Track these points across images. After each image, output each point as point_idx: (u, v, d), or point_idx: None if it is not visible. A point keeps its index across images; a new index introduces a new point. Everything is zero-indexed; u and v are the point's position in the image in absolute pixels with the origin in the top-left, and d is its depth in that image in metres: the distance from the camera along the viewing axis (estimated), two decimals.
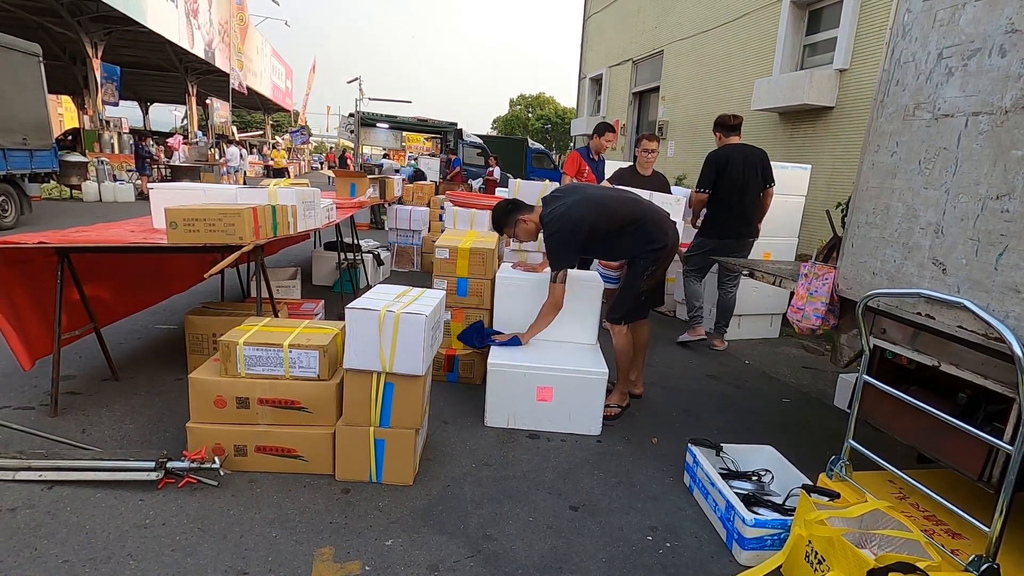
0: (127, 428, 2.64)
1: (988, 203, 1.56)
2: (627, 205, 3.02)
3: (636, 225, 2.95)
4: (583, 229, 2.85)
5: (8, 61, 8.46)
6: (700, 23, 10.11)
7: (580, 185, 3.84)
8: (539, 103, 40.03)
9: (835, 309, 2.24)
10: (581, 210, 2.86)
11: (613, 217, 2.94)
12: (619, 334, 3.11)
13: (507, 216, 3.04)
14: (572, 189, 3.14)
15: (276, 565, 1.82)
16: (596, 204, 2.93)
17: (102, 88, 14.71)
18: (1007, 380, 1.54)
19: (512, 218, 3.03)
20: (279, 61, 29.87)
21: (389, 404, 2.26)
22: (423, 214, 7.02)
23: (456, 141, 14.73)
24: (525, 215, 3.02)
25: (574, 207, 2.86)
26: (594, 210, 2.89)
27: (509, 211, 3.05)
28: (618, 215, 2.95)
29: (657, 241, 2.95)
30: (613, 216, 2.94)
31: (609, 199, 3.03)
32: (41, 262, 2.78)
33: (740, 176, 4.12)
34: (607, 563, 1.96)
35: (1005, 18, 1.54)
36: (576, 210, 2.86)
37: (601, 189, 3.47)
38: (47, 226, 7.81)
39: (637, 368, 3.37)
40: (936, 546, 1.67)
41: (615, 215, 2.94)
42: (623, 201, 3.04)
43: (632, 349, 3.15)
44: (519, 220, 3.01)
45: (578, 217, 2.85)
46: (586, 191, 3.10)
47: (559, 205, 2.89)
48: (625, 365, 3.15)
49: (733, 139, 4.26)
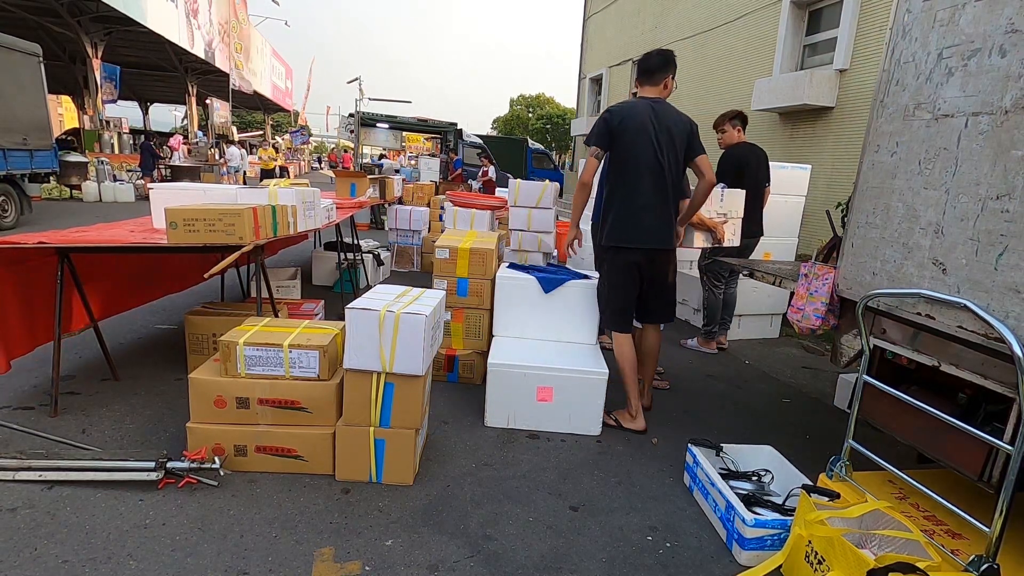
0: (127, 428, 2.64)
1: (988, 203, 1.56)
2: (649, 170, 2.82)
3: (627, 190, 2.85)
4: (614, 121, 2.81)
5: (8, 61, 8.46)
6: (700, 23, 10.11)
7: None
8: (539, 103, 40.03)
9: (835, 309, 2.24)
10: (627, 116, 2.81)
11: (633, 160, 2.81)
12: (615, 343, 3.02)
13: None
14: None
15: (276, 565, 1.82)
16: (640, 133, 2.80)
17: (101, 87, 14.72)
18: (1007, 380, 1.54)
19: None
20: (279, 61, 29.89)
21: (389, 404, 2.26)
22: (423, 214, 7.02)
23: (456, 141, 14.72)
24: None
25: (630, 113, 2.82)
26: (634, 130, 2.79)
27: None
28: (634, 162, 2.81)
29: (617, 233, 2.88)
30: (634, 160, 2.81)
31: (650, 149, 2.81)
32: (35, 262, 2.77)
33: (755, 174, 4.05)
34: (607, 563, 1.96)
35: (1005, 18, 1.54)
36: (625, 110, 2.83)
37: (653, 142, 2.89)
38: (47, 226, 7.82)
39: (644, 379, 3.19)
40: (936, 546, 1.67)
41: (634, 160, 2.81)
42: (651, 164, 2.82)
43: (634, 360, 3.00)
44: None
45: (617, 111, 2.84)
46: (646, 131, 2.82)
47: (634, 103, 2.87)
48: (627, 378, 2.99)
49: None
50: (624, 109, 2.89)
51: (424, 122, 14.95)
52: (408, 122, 14.83)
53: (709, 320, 4.43)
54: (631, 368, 2.98)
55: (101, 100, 14.86)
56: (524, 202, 5.23)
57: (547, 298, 3.26)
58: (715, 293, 4.34)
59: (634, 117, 2.84)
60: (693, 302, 5.17)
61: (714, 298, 4.35)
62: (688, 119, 2.92)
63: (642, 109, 2.85)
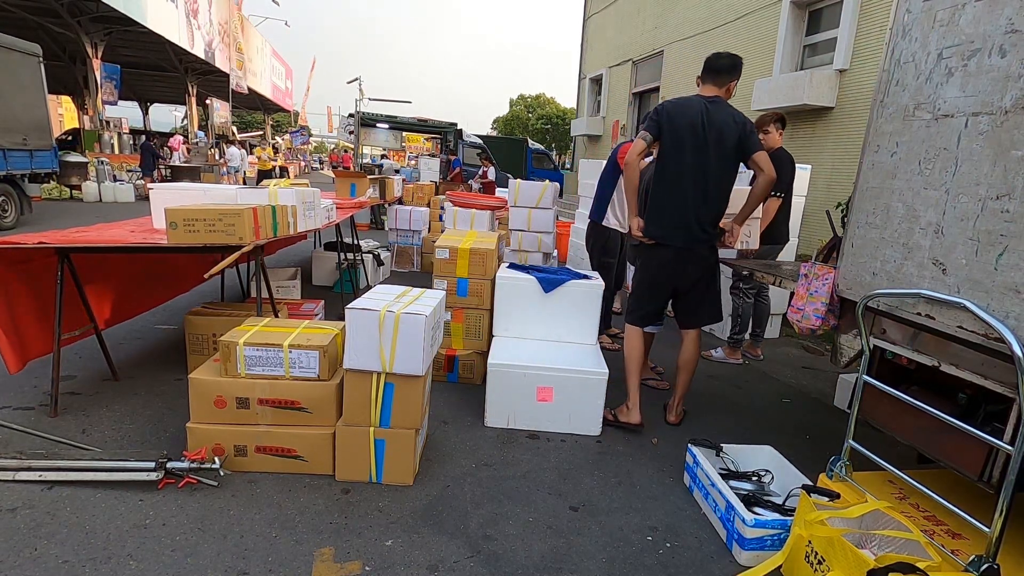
0: (127, 428, 2.64)
1: (988, 203, 1.56)
2: (692, 168, 2.77)
3: (667, 186, 2.81)
4: (664, 115, 2.79)
5: (8, 61, 8.47)
6: (700, 23, 10.11)
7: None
8: (539, 103, 40.02)
9: (835, 309, 2.24)
10: (678, 112, 2.78)
11: (677, 157, 2.79)
12: (626, 334, 3.05)
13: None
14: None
15: (276, 565, 1.82)
16: (687, 131, 2.76)
17: (101, 87, 14.72)
18: (1007, 380, 1.54)
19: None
20: (279, 61, 29.89)
21: (389, 404, 2.26)
22: (423, 214, 7.02)
23: (456, 141, 14.73)
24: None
25: (682, 110, 2.78)
26: (682, 127, 2.76)
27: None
28: (678, 159, 2.78)
29: (653, 229, 2.86)
30: (678, 156, 2.78)
31: (695, 148, 2.77)
32: (39, 263, 2.78)
33: (791, 180, 3.91)
34: (607, 563, 1.96)
35: (1005, 18, 1.54)
36: (678, 106, 2.80)
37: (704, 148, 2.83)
38: (47, 226, 7.82)
39: (676, 391, 3.11)
40: (936, 546, 1.67)
41: (678, 157, 2.78)
42: (695, 163, 2.77)
43: (641, 355, 3.00)
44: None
45: (670, 105, 2.81)
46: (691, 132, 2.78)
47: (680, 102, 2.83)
48: (629, 372, 3.00)
49: None
50: (677, 104, 2.83)
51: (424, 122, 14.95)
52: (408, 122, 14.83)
53: (740, 328, 4.29)
54: (635, 363, 3.00)
55: (101, 100, 14.85)
56: (524, 202, 5.25)
57: (547, 298, 3.27)
58: (746, 300, 4.22)
59: (684, 114, 2.78)
60: (723, 309, 4.92)
61: (745, 305, 4.23)
62: (743, 119, 2.81)
63: (695, 106, 2.79)
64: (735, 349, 4.34)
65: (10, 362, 2.60)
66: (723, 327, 4.68)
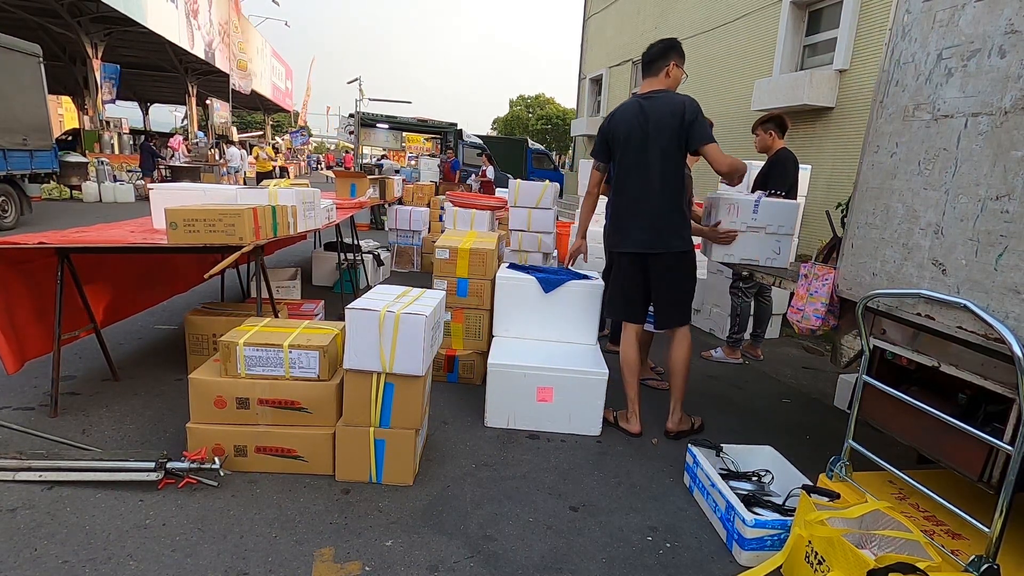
0: (127, 428, 2.64)
1: (988, 204, 1.56)
2: (634, 170, 2.75)
3: (616, 194, 2.85)
4: (604, 132, 2.81)
5: (8, 61, 8.47)
6: (700, 24, 10.12)
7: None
8: (539, 103, 40.04)
9: (835, 310, 2.24)
10: (614, 119, 2.78)
11: (620, 163, 2.79)
12: (621, 339, 3.00)
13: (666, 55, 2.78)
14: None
15: (276, 565, 1.82)
16: (625, 134, 2.75)
17: (101, 88, 14.72)
18: (1007, 381, 1.54)
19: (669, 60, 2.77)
20: (279, 61, 29.89)
21: (389, 404, 2.26)
22: (423, 214, 7.02)
23: (456, 142, 14.74)
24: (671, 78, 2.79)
25: (618, 117, 2.78)
26: (621, 133, 2.75)
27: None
28: (622, 164, 2.78)
29: (609, 239, 2.92)
30: (622, 163, 2.78)
31: (635, 149, 2.74)
32: (39, 263, 2.78)
33: (795, 184, 3.90)
34: (607, 563, 1.96)
35: (1005, 19, 1.54)
36: (614, 115, 2.79)
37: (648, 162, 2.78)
38: (47, 227, 7.82)
39: (671, 396, 2.99)
40: (936, 546, 1.67)
41: (621, 163, 2.78)
42: (637, 164, 2.74)
43: (635, 358, 2.95)
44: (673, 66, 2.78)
45: (609, 117, 2.81)
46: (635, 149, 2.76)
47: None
48: (625, 379, 2.96)
49: None
50: (614, 113, 2.81)
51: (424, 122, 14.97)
52: (408, 122, 14.84)
53: (740, 328, 4.26)
54: (628, 370, 2.97)
55: (101, 100, 14.85)
56: (524, 202, 5.24)
57: (547, 298, 3.27)
58: (746, 299, 4.20)
59: (620, 120, 2.75)
60: (725, 308, 4.73)
61: (745, 304, 4.21)
62: (681, 102, 2.64)
63: (629, 109, 2.74)
64: (735, 349, 4.33)
65: (8, 362, 2.60)
66: (723, 327, 4.68)
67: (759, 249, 2.93)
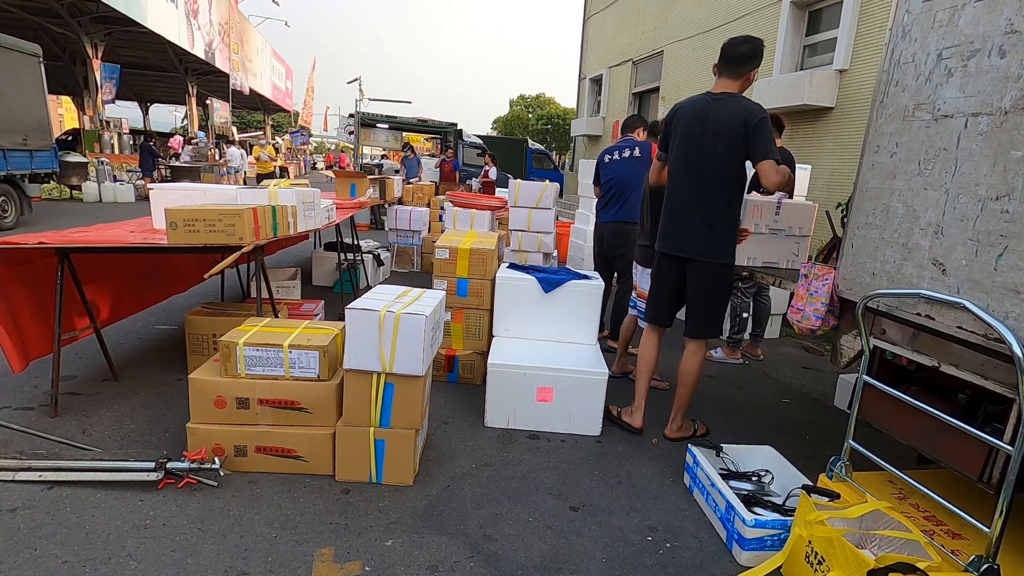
0: (127, 428, 2.64)
1: (988, 204, 1.56)
2: (688, 172, 2.64)
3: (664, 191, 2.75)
4: (669, 123, 2.72)
5: (8, 61, 8.46)
6: (700, 24, 10.11)
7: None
8: (539, 103, 40.01)
9: (835, 310, 2.24)
10: (679, 114, 2.68)
11: (675, 162, 2.70)
12: (643, 336, 3.01)
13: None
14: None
15: (276, 565, 1.82)
16: (684, 134, 2.66)
17: (101, 88, 14.72)
18: (1007, 380, 1.54)
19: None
20: (279, 61, 29.89)
21: (389, 404, 2.26)
22: (423, 214, 7.02)
23: (456, 141, 14.74)
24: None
25: (683, 112, 2.68)
26: (681, 130, 2.66)
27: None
28: (677, 164, 2.68)
29: (656, 238, 2.84)
30: (676, 162, 2.69)
31: (692, 151, 2.63)
32: (40, 263, 2.78)
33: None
34: (607, 563, 1.96)
35: (1004, 19, 1.54)
36: (680, 108, 2.70)
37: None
38: (47, 226, 7.82)
39: (674, 404, 2.94)
40: (936, 546, 1.67)
41: (676, 163, 2.68)
42: (691, 167, 2.63)
43: (654, 359, 2.96)
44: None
45: (675, 108, 2.71)
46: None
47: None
48: (638, 373, 2.99)
49: None
50: (682, 107, 2.68)
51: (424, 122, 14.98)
52: (408, 122, 14.85)
53: (740, 328, 4.26)
54: (645, 365, 2.98)
55: (101, 100, 14.85)
56: (524, 202, 5.25)
57: (547, 298, 3.27)
58: (745, 299, 4.20)
59: (685, 116, 2.63)
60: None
61: (744, 305, 4.20)
62: (745, 110, 2.48)
63: (696, 106, 2.60)
64: (735, 349, 4.33)
65: (13, 362, 2.60)
66: (723, 327, 4.68)
67: (780, 252, 2.97)
